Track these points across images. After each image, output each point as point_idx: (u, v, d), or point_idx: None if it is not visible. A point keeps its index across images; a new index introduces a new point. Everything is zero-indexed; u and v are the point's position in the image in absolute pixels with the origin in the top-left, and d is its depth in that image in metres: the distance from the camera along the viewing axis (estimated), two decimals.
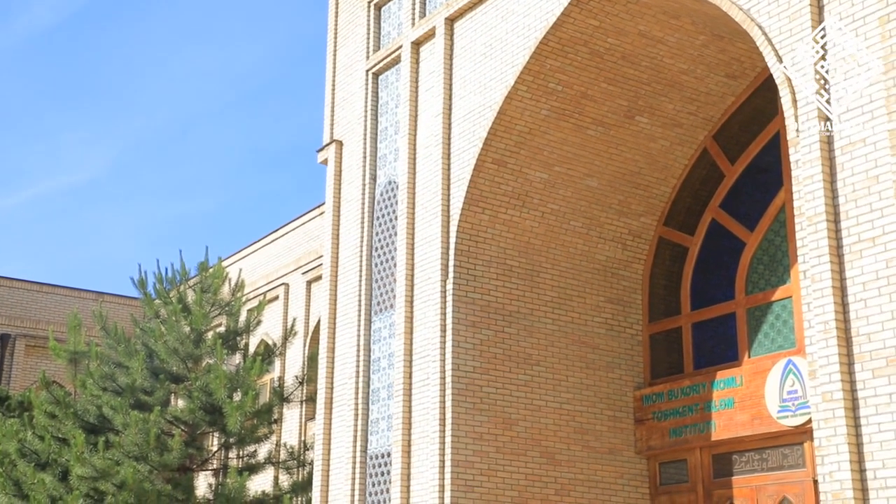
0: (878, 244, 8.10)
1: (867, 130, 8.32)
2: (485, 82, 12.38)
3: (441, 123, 12.81)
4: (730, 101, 12.68)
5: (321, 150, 15.14)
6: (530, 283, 12.59)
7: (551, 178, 12.61)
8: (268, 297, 20.79)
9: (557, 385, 12.45)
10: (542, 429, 12.17)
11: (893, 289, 7.93)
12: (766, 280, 12.02)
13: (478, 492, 11.54)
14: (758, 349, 11.86)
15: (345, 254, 14.24)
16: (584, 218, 12.95)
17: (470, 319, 12.09)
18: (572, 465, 12.26)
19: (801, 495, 10.85)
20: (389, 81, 14.18)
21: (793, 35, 9.00)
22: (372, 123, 14.16)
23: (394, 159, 13.71)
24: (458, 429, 11.63)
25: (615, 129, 12.58)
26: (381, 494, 12.53)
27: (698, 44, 11.89)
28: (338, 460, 13.42)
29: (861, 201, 8.28)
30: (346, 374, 13.58)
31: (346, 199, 14.46)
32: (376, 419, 12.98)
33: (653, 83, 12.25)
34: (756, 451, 11.54)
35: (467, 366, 11.91)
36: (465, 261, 12.27)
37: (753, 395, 11.43)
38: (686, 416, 12.26)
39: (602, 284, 13.12)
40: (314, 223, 20.63)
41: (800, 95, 8.82)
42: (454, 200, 12.42)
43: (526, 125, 12.20)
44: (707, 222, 12.98)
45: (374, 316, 13.43)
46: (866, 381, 8.00)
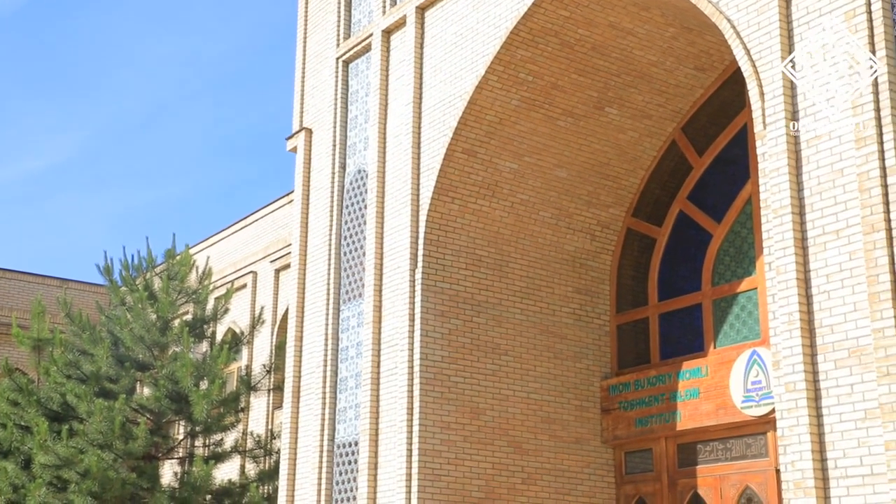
0: (841, 237, 8.21)
1: (833, 124, 8.41)
2: (455, 72, 12.36)
3: (411, 112, 12.78)
4: (698, 94, 12.77)
5: (290, 138, 15.06)
6: (499, 273, 12.62)
7: (521, 169, 12.63)
8: (235, 285, 20.67)
9: (525, 375, 12.50)
10: (509, 418, 12.23)
11: (856, 281, 8.04)
12: (732, 271, 12.14)
13: (445, 481, 11.58)
14: (723, 340, 11.98)
15: (313, 242, 14.19)
16: (553, 208, 13.00)
17: (439, 309, 12.10)
18: (539, 454, 12.33)
19: (764, 484, 10.99)
20: (360, 70, 14.13)
21: (761, 29, 9.07)
22: (342, 112, 14.10)
23: (364, 148, 13.67)
24: (426, 418, 11.65)
25: (585, 120, 12.62)
26: (349, 483, 12.53)
27: (668, 36, 11.95)
28: (305, 449, 13.40)
29: (826, 194, 8.38)
30: (314, 363, 13.55)
31: (315, 188, 14.40)
32: (344, 408, 12.97)
33: (622, 74, 12.30)
34: (720, 440, 11.67)
35: (435, 355, 11.92)
36: (435, 250, 12.27)
37: (718, 385, 11.55)
38: (652, 405, 12.37)
39: (570, 275, 13.18)
40: (283, 211, 20.52)
41: (767, 89, 8.89)
42: (424, 190, 12.42)
43: (496, 115, 12.21)
44: (675, 214, 13.07)
45: (343, 305, 13.41)
46: (828, 372, 8.11)
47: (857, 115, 8.19)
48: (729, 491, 11.40)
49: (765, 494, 10.95)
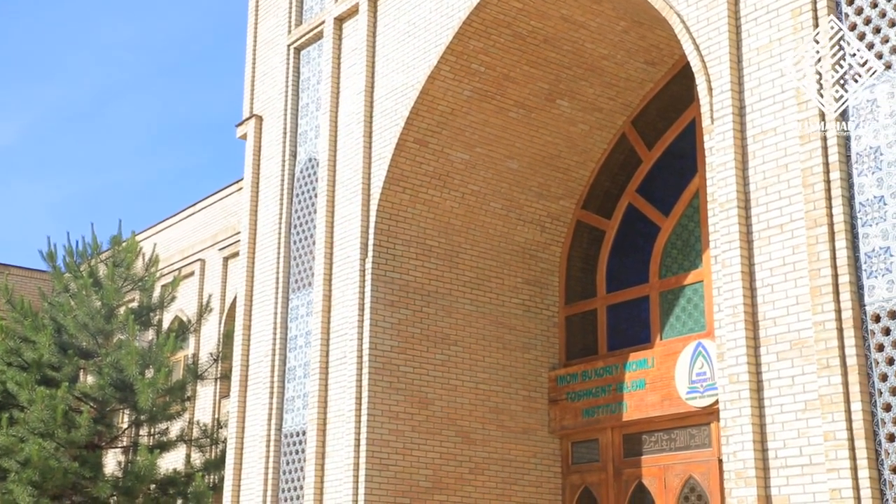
0: (785, 231, 8.34)
1: (778, 120, 8.54)
2: (408, 61, 12.32)
3: (363, 101, 12.71)
4: (648, 88, 12.88)
5: (240, 125, 14.90)
6: (449, 264, 12.63)
7: (472, 159, 12.64)
8: (183, 272, 20.43)
9: (474, 365, 12.54)
10: (457, 408, 12.26)
11: (799, 274, 8.18)
12: (679, 264, 12.29)
13: (392, 470, 11.58)
14: (669, 332, 12.13)
15: (263, 230, 14.07)
16: (503, 200, 13.03)
17: (388, 299, 12.08)
18: (487, 444, 12.39)
19: (707, 474, 11.16)
20: (311, 57, 14.01)
21: (710, 24, 9.17)
22: (293, 99, 13.98)
23: (314, 136, 13.58)
24: (375, 407, 11.63)
25: (536, 112, 12.66)
26: (296, 473, 12.48)
27: (619, 29, 12.03)
28: (252, 438, 13.31)
29: (771, 189, 8.51)
30: (262, 352, 13.45)
31: (265, 176, 14.27)
32: (292, 397, 12.90)
33: (574, 67, 12.36)
34: (665, 431, 11.82)
35: (385, 345, 11.90)
36: (385, 240, 12.24)
37: (664, 376, 11.70)
38: (599, 396, 12.48)
39: (520, 266, 13.24)
40: (232, 199, 20.31)
41: (715, 84, 9.00)
42: (375, 179, 12.37)
43: (448, 105, 12.20)
44: (624, 206, 13.19)
45: (292, 294, 13.32)
46: (771, 364, 8.25)
47: (801, 111, 8.33)
48: (673, 481, 11.56)
49: (707, 484, 11.12)
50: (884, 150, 7.88)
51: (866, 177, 7.95)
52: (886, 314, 7.66)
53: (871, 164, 7.94)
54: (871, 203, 7.88)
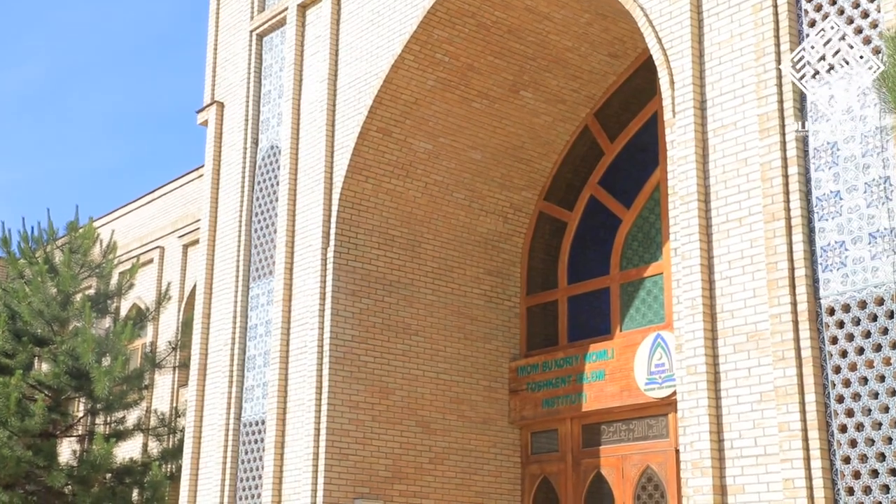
0: (744, 224, 8.44)
1: (738, 114, 8.63)
2: (372, 50, 12.27)
3: (326, 89, 12.64)
4: (611, 80, 12.94)
5: (201, 112, 14.75)
6: (412, 254, 12.62)
7: (435, 149, 12.63)
8: (141, 260, 20.20)
9: (435, 355, 12.56)
10: (418, 398, 12.27)
11: (756, 268, 8.28)
12: (639, 256, 12.39)
13: (352, 460, 11.57)
14: (629, 323, 12.23)
15: (223, 218, 13.95)
16: (466, 190, 13.04)
17: (350, 288, 12.04)
18: (447, 433, 12.42)
19: (664, 464, 11.29)
20: (274, 44, 13.90)
21: (672, 18, 9.23)
22: (255, 86, 13.87)
23: (277, 124, 13.47)
24: (335, 397, 11.61)
25: (500, 103, 12.68)
26: (255, 462, 12.42)
27: (583, 22, 12.07)
28: (210, 427, 13.22)
29: (730, 182, 8.60)
30: (222, 341, 13.35)
31: (226, 163, 14.14)
32: (251, 386, 12.83)
33: (538, 59, 12.39)
34: (623, 421, 11.93)
35: (346, 334, 11.88)
36: (347, 229, 12.19)
37: (623, 367, 11.80)
38: (559, 387, 12.56)
39: (482, 256, 13.27)
40: (192, 186, 20.10)
41: (677, 78, 9.06)
42: (337, 168, 12.32)
43: (412, 95, 12.17)
44: (586, 198, 13.26)
45: (253, 282, 13.23)
46: (728, 356, 8.36)
47: (761, 106, 8.42)
48: (630, 471, 11.67)
49: (664, 474, 11.25)
50: (840, 145, 7.99)
51: (823, 172, 8.06)
52: (840, 307, 7.78)
53: (828, 160, 8.05)
54: (827, 198, 8.00)
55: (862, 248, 7.73)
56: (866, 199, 7.78)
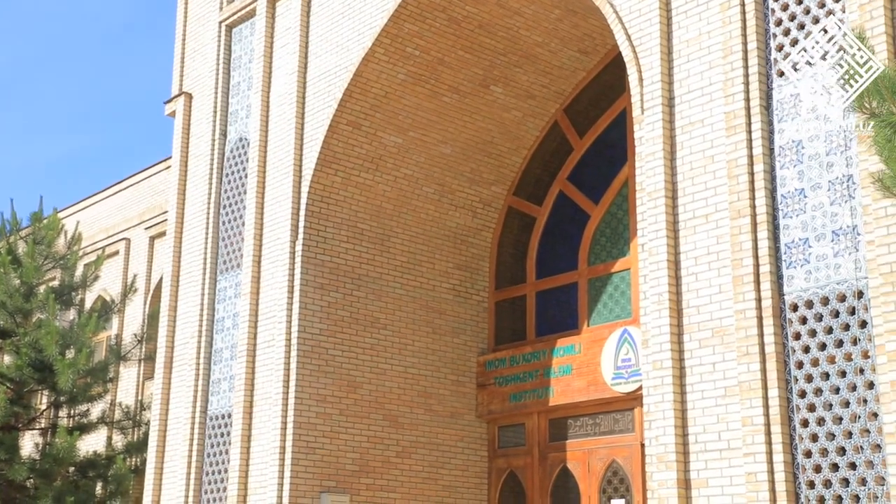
0: (710, 221, 8.52)
1: (706, 112, 8.70)
2: (342, 42, 12.23)
3: (296, 82, 12.59)
4: (581, 76, 13.00)
5: (169, 102, 14.63)
6: (381, 248, 12.61)
7: (405, 143, 12.62)
8: (107, 251, 19.99)
9: (403, 349, 12.56)
10: (386, 392, 12.27)
11: (722, 264, 8.37)
12: (607, 252, 12.47)
13: (319, 454, 11.55)
14: (597, 318, 12.30)
15: (191, 210, 13.85)
16: (436, 184, 13.05)
17: (318, 281, 12.01)
18: (414, 427, 12.43)
19: (630, 458, 11.38)
20: (243, 35, 13.80)
21: (642, 15, 9.28)
22: (224, 77, 13.77)
23: (246, 116, 13.39)
24: (302, 391, 11.58)
25: (470, 98, 12.69)
26: (220, 456, 12.36)
27: (553, 17, 12.11)
28: (176, 421, 13.13)
29: (697, 179, 8.68)
30: (188, 334, 13.26)
31: (194, 154, 14.04)
32: (218, 380, 12.76)
33: (508, 54, 12.41)
34: (590, 416, 12.01)
35: (314, 328, 11.84)
36: (316, 222, 12.16)
37: (590, 362, 11.87)
38: (526, 381, 12.62)
39: (451, 251, 13.28)
40: (160, 177, 19.93)
41: (646, 75, 9.12)
42: (307, 161, 12.27)
43: (382, 88, 12.15)
44: (555, 194, 13.31)
45: (220, 275, 13.15)
46: (693, 351, 8.43)
47: (728, 104, 8.50)
48: (596, 465, 11.76)
49: (630, 468, 11.34)
50: (805, 144, 8.09)
51: (788, 170, 8.16)
52: (804, 304, 7.89)
53: (793, 158, 8.15)
54: (792, 195, 8.09)
55: (825, 245, 7.84)
56: (830, 196, 7.88)
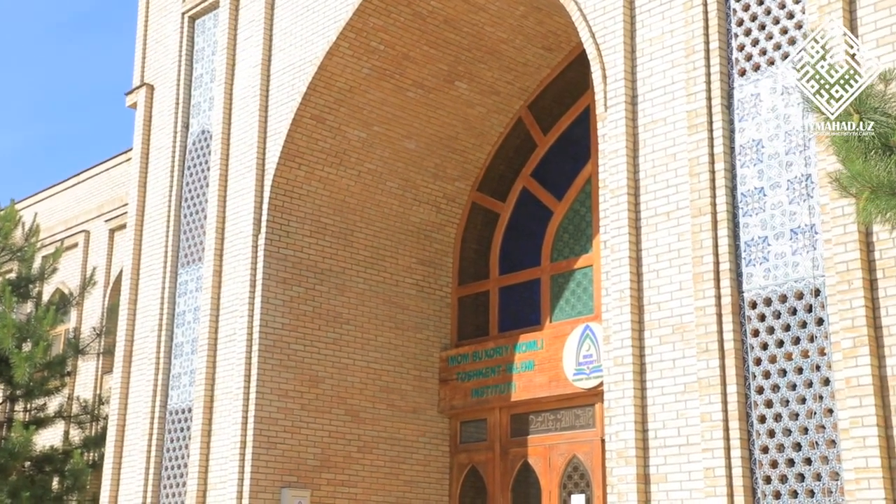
0: (671, 218, 8.60)
1: (668, 110, 8.77)
2: (306, 36, 12.16)
3: (259, 75, 12.50)
4: (545, 73, 13.04)
5: (130, 94, 14.46)
6: (344, 242, 12.57)
7: (369, 138, 12.58)
8: (66, 243, 19.74)
9: (366, 344, 12.54)
10: (347, 387, 12.24)
11: (683, 261, 8.45)
12: (570, 248, 12.53)
13: (280, 448, 11.50)
14: (559, 314, 12.37)
15: (152, 203, 13.71)
16: (400, 179, 13.03)
17: (281, 276, 11.95)
18: (376, 422, 12.42)
19: (590, 454, 11.46)
20: (207, 27, 13.67)
21: (606, 13, 9.34)
22: (186, 69, 13.63)
23: (208, 108, 13.27)
24: (264, 385, 11.51)
25: (435, 93, 12.68)
26: (180, 450, 12.25)
27: (518, 14, 12.14)
28: (135, 415, 13.00)
29: (659, 177, 8.75)
30: (148, 327, 13.13)
31: (155, 147, 13.89)
32: (178, 374, 12.65)
33: (473, 49, 12.42)
34: (551, 411, 12.07)
35: (276, 322, 11.78)
36: (279, 216, 12.09)
37: (552, 358, 11.93)
38: (489, 377, 12.65)
39: (415, 246, 13.28)
40: (120, 169, 19.69)
41: (609, 72, 9.18)
42: (270, 154, 12.19)
43: (346, 82, 12.10)
44: (518, 190, 13.36)
45: (181, 268, 13.03)
46: (654, 347, 8.51)
47: (690, 103, 8.58)
48: (557, 460, 11.83)
49: (590, 463, 11.42)
50: (765, 143, 8.19)
51: (748, 168, 8.25)
52: (762, 301, 7.99)
53: (753, 157, 8.24)
54: (752, 194, 8.19)
55: (784, 243, 7.94)
56: (789, 195, 7.99)
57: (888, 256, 7.22)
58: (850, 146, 4.84)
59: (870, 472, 6.99)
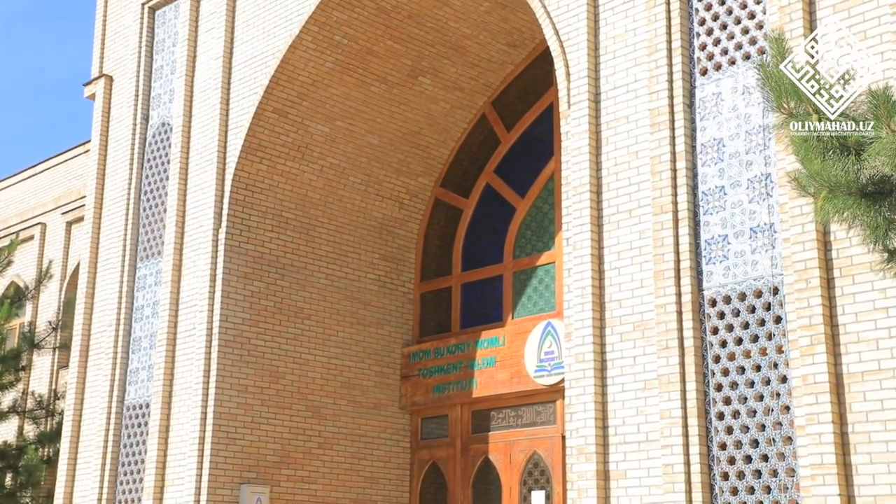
0: (633, 216, 8.64)
1: (631, 108, 8.81)
2: (269, 29, 12.05)
3: (221, 67, 12.37)
4: (509, 70, 13.05)
5: (89, 85, 14.24)
6: (306, 237, 12.48)
7: (332, 133, 12.51)
8: (21, 236, 19.42)
9: (327, 340, 12.47)
10: (308, 382, 12.17)
11: (644, 259, 8.49)
12: (532, 245, 12.56)
13: (240, 444, 11.40)
14: (521, 311, 12.39)
15: (110, 195, 13.51)
16: (363, 174, 12.97)
17: (242, 270, 11.84)
18: (337, 418, 12.36)
19: (550, 450, 11.50)
20: (167, 18, 13.50)
21: (569, 11, 9.35)
22: (146, 60, 13.45)
23: (169, 100, 13.11)
24: (223, 381, 11.41)
25: (398, 88, 12.63)
26: (137, 446, 12.11)
27: (482, 10, 12.13)
28: (91, 410, 12.83)
29: (621, 175, 8.78)
30: (106, 322, 12.95)
31: (114, 139, 13.69)
32: (136, 369, 12.49)
33: (437, 45, 12.39)
34: (512, 408, 12.10)
35: (236, 317, 11.68)
36: (240, 210, 11.97)
37: (514, 354, 11.95)
38: (450, 373, 12.64)
39: (377, 241, 13.22)
40: (78, 161, 19.40)
41: (573, 70, 9.20)
42: (231, 148, 12.07)
43: (309, 76, 12.01)
44: (482, 186, 13.36)
45: (140, 262, 12.87)
46: (615, 345, 8.55)
47: (652, 101, 8.62)
48: (518, 456, 11.85)
49: (551, 460, 11.46)
50: (726, 142, 8.26)
51: (709, 167, 8.31)
52: (722, 299, 8.06)
53: (714, 155, 8.30)
54: (712, 192, 8.25)
55: (743, 242, 8.02)
56: (749, 194, 8.06)
57: (845, 255, 7.32)
58: (808, 146, 4.88)
59: (825, 468, 7.08)
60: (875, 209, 4.85)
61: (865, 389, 7.06)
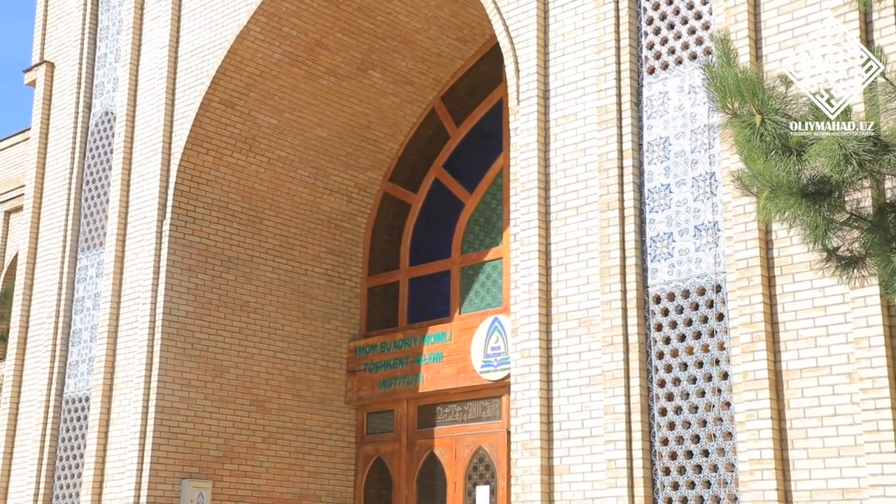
0: (580, 213, 8.69)
1: (579, 105, 8.86)
2: (216, 18, 11.88)
3: (167, 56, 12.17)
4: (459, 65, 13.04)
5: (29, 71, 13.92)
6: (252, 230, 12.35)
7: (280, 125, 12.39)
8: None
9: (273, 333, 12.36)
10: (253, 377, 12.06)
11: (590, 255, 8.55)
12: (480, 241, 12.58)
13: (182, 438, 11.25)
14: (468, 306, 12.41)
15: (51, 185, 13.23)
16: (311, 167, 12.87)
17: (186, 262, 11.67)
18: (282, 413, 12.27)
19: (496, 445, 11.54)
20: (112, 4, 13.25)
21: (519, 7, 9.37)
22: (89, 48, 13.19)
23: (112, 89, 12.87)
24: (166, 374, 11.25)
25: (348, 81, 12.55)
26: (77, 440, 11.88)
27: (433, 4, 12.10)
28: (28, 404, 12.56)
29: (569, 171, 8.83)
30: (45, 314, 12.69)
31: (55, 127, 13.40)
32: (76, 362, 12.25)
33: (387, 38, 12.33)
34: (458, 403, 12.11)
35: (180, 310, 11.51)
36: (185, 202, 11.81)
37: (461, 350, 11.96)
38: (397, 368, 12.62)
39: (325, 235, 13.14)
40: (17, 149, 18.95)
41: (522, 66, 9.22)
42: (176, 138, 11.89)
43: (257, 67, 11.88)
44: (430, 181, 13.34)
45: (81, 253, 12.62)
46: (560, 340, 8.60)
47: (600, 99, 8.68)
48: (463, 451, 11.87)
49: (496, 455, 11.50)
50: (672, 140, 8.34)
51: (655, 165, 8.40)
52: (666, 296, 8.15)
53: (660, 154, 8.39)
54: (658, 190, 8.34)
55: (688, 240, 8.11)
56: (693, 193, 8.16)
57: (786, 254, 7.44)
58: (751, 146, 4.95)
59: (763, 463, 7.20)
60: (815, 209, 4.94)
61: (803, 386, 7.19)
